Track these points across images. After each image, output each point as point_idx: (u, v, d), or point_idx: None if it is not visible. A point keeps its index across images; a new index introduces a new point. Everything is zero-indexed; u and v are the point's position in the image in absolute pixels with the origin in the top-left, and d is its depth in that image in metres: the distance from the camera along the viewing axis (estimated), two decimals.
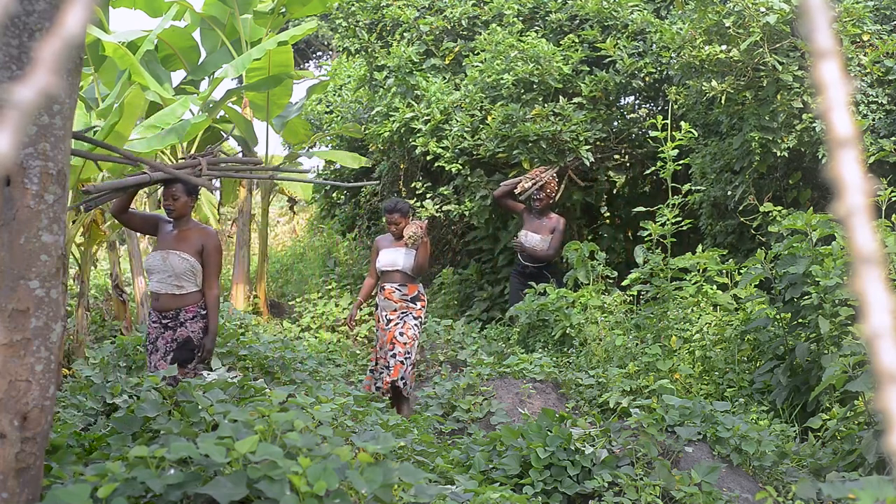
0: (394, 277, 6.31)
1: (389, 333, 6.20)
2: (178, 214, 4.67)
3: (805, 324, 5.62)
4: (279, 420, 2.56)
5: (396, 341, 6.17)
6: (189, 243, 4.65)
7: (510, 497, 3.24)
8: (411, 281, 6.32)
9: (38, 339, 2.22)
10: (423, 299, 6.39)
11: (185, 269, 4.60)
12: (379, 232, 12.19)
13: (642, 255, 7.89)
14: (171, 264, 4.58)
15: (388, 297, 6.28)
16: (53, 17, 2.23)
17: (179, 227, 4.70)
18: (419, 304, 6.35)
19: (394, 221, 6.34)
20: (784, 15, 7.30)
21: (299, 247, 16.10)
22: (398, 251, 6.32)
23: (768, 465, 4.45)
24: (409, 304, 6.27)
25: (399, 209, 6.38)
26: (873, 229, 0.64)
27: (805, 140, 7.54)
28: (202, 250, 4.68)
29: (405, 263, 6.28)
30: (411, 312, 6.27)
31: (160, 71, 10.75)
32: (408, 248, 6.27)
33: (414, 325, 6.24)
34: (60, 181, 2.28)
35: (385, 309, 6.30)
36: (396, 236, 6.39)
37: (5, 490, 2.13)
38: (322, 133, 12.66)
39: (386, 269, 6.31)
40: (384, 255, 6.37)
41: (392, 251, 6.35)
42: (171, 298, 4.62)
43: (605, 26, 9.62)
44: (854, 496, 2.02)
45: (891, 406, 0.62)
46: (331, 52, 22.52)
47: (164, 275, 4.61)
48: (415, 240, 6.18)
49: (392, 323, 6.23)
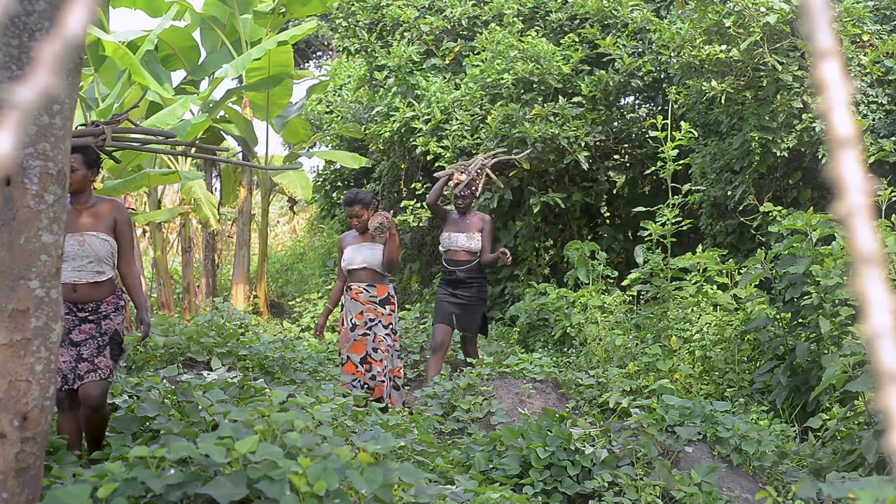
0: (361, 276, 5.69)
1: (358, 343, 5.59)
2: (76, 189, 3.95)
3: (805, 324, 5.62)
4: (279, 420, 2.56)
5: (372, 360, 5.56)
6: (102, 221, 4.02)
7: (510, 497, 3.24)
8: (380, 280, 5.71)
9: (38, 339, 2.22)
10: (392, 301, 5.75)
11: (107, 252, 4.00)
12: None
13: (642, 255, 7.89)
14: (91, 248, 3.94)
15: (355, 297, 5.65)
16: (53, 17, 2.23)
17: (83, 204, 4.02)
18: (388, 307, 5.68)
19: (355, 214, 5.73)
20: (784, 15, 7.30)
21: (299, 247, 16.10)
22: (363, 247, 5.71)
23: (768, 465, 4.45)
24: (378, 307, 5.63)
25: (360, 200, 5.76)
26: (873, 229, 0.64)
27: (805, 140, 7.54)
28: (115, 226, 4.07)
29: (372, 260, 5.66)
30: (380, 321, 5.61)
31: (160, 71, 10.75)
32: (375, 242, 5.69)
33: (386, 337, 5.63)
34: (60, 181, 2.28)
35: (351, 311, 5.64)
36: (361, 230, 5.81)
37: (5, 490, 2.13)
38: (322, 133, 12.66)
39: (352, 268, 5.70)
40: (349, 252, 5.76)
41: (357, 247, 5.74)
42: (90, 288, 3.96)
43: (604, 25, 9.62)
44: (854, 496, 2.02)
45: (891, 406, 0.62)
46: (331, 52, 22.52)
47: (84, 261, 3.94)
48: (381, 230, 5.57)
49: (358, 331, 5.59)
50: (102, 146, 3.68)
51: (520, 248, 10.03)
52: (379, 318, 5.60)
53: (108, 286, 4.03)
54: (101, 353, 3.91)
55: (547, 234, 10.01)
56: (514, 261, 10.18)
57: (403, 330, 8.42)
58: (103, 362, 3.88)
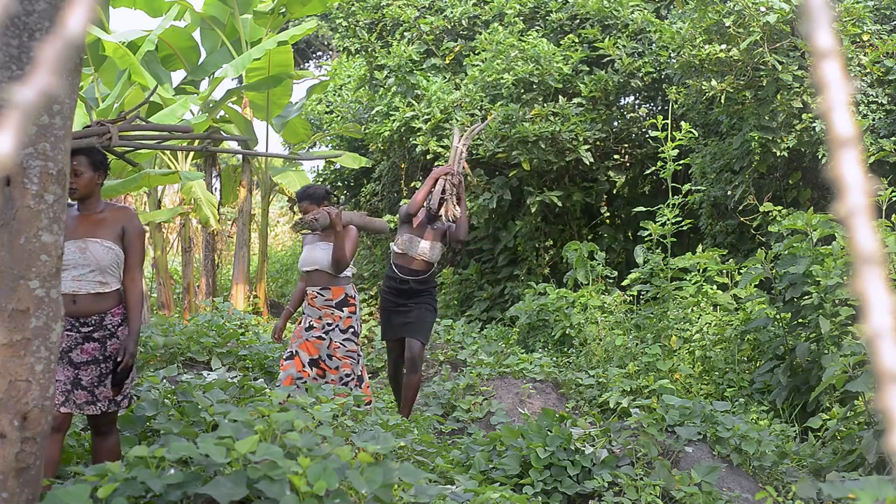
0: (315, 279, 5.14)
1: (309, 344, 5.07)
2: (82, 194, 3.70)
3: (805, 324, 5.62)
4: (279, 420, 2.56)
5: (326, 366, 5.05)
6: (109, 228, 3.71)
7: (510, 497, 3.24)
8: (335, 282, 5.10)
9: (38, 339, 2.22)
10: (352, 303, 5.13)
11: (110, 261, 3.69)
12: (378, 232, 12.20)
13: (642, 255, 7.89)
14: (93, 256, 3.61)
15: (311, 302, 5.13)
16: (53, 17, 2.23)
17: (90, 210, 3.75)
18: (346, 310, 5.10)
19: (303, 211, 5.17)
20: (784, 14, 7.30)
21: (299, 247, 16.10)
22: (317, 247, 5.17)
23: (768, 465, 4.45)
24: (335, 310, 5.07)
25: (308, 196, 5.18)
26: (873, 229, 0.64)
27: (805, 140, 7.55)
28: (123, 235, 3.75)
29: (325, 261, 5.10)
30: (337, 325, 5.06)
31: (160, 71, 10.75)
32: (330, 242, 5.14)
33: (344, 342, 5.08)
34: (60, 181, 2.28)
35: (310, 315, 5.13)
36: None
37: (5, 490, 2.13)
38: (322, 133, 12.66)
39: (306, 269, 5.19)
40: (304, 252, 5.25)
41: (311, 247, 5.20)
42: (92, 300, 3.62)
43: (605, 25, 9.63)
44: (854, 496, 2.02)
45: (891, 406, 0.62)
46: (331, 52, 22.52)
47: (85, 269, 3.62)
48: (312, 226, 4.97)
49: (313, 332, 5.07)
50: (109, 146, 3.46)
51: (520, 248, 10.04)
52: (336, 322, 5.07)
53: (113, 297, 3.70)
54: (102, 382, 3.57)
55: (547, 234, 10.01)
56: (515, 261, 10.19)
57: None
58: (103, 393, 3.55)
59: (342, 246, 4.98)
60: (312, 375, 4.97)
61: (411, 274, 5.71)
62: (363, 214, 5.42)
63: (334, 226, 4.91)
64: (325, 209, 4.97)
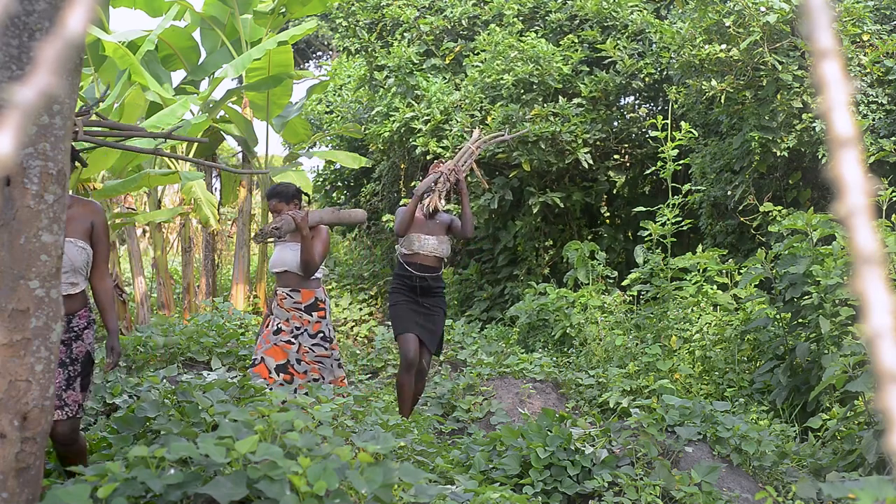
0: (285, 280, 4.96)
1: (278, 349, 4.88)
2: None
3: (805, 324, 5.62)
4: (279, 420, 2.56)
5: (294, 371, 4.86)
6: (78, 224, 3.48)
7: (510, 497, 3.24)
8: (305, 284, 4.91)
9: (38, 339, 2.22)
10: (322, 307, 4.95)
11: (83, 262, 3.50)
12: (379, 233, 12.20)
13: (642, 255, 7.90)
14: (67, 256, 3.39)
15: (280, 303, 4.95)
16: (53, 17, 2.23)
17: None
18: (315, 314, 4.91)
19: (274, 209, 4.99)
20: (784, 14, 7.31)
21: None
22: (286, 247, 4.98)
23: (768, 465, 4.45)
24: (303, 314, 4.89)
25: (278, 192, 4.99)
26: (874, 229, 0.64)
27: (805, 140, 7.55)
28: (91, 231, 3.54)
29: (293, 262, 4.92)
30: (306, 329, 4.88)
31: (160, 71, 10.75)
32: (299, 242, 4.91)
33: (313, 347, 4.88)
34: (60, 181, 2.28)
35: (279, 317, 4.96)
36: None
37: (5, 490, 2.13)
38: (322, 133, 12.67)
39: (275, 271, 5.02)
40: (275, 252, 5.08)
41: (281, 248, 5.02)
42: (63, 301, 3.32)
43: (604, 27, 9.63)
44: (854, 496, 2.02)
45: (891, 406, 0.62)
46: (331, 52, 22.52)
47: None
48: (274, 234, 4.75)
49: (282, 336, 4.89)
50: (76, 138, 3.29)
51: (520, 248, 10.03)
52: (305, 326, 4.88)
53: (80, 299, 3.53)
54: (70, 385, 3.43)
55: (547, 234, 10.01)
56: (515, 261, 10.19)
57: None
58: (72, 397, 3.42)
59: (309, 249, 4.81)
60: (279, 381, 4.77)
61: (424, 271, 5.62)
62: (336, 210, 5.21)
63: (300, 230, 4.73)
64: (288, 213, 4.79)
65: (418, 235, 5.63)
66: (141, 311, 10.28)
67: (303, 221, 4.71)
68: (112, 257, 10.59)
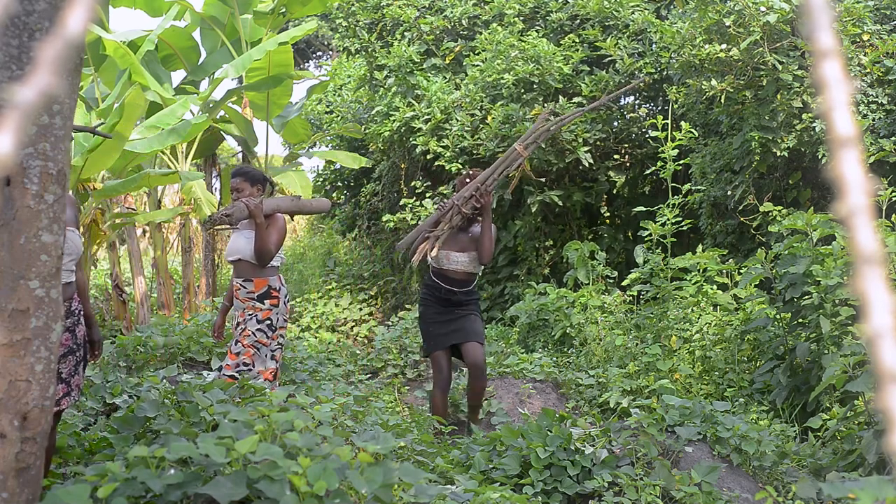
0: (239, 270, 4.81)
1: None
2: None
3: (805, 324, 5.62)
4: (279, 420, 2.56)
5: (230, 353, 4.76)
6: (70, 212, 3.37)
7: (510, 497, 3.24)
8: (259, 273, 4.77)
9: (38, 339, 2.22)
10: (274, 296, 4.79)
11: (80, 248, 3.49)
12: (378, 233, 12.20)
13: (642, 255, 7.90)
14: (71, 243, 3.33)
15: (236, 295, 4.83)
16: (53, 17, 2.23)
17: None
18: (267, 302, 4.78)
19: (236, 188, 4.76)
20: (784, 14, 7.31)
21: (299, 247, 16.10)
22: (241, 235, 4.80)
23: (768, 465, 4.45)
24: (256, 303, 4.77)
25: (245, 172, 4.79)
26: (874, 229, 0.64)
27: (805, 140, 7.55)
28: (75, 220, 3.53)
29: (247, 251, 4.75)
30: (256, 315, 4.76)
31: (160, 71, 10.76)
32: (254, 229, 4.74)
33: (255, 332, 4.74)
34: (60, 181, 2.28)
35: (237, 308, 4.85)
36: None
37: (5, 490, 2.13)
38: (322, 133, 12.66)
39: (230, 259, 4.85)
40: (230, 241, 4.90)
41: (236, 236, 4.84)
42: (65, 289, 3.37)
43: (605, 26, 9.63)
44: (854, 496, 2.02)
45: (891, 406, 0.62)
46: (331, 52, 22.52)
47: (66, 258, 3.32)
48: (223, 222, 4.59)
49: (239, 328, 4.80)
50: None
51: (520, 248, 10.03)
52: (256, 312, 4.76)
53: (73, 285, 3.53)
54: (77, 370, 3.45)
55: (547, 234, 10.01)
56: (515, 261, 10.18)
57: (403, 330, 8.41)
58: (76, 382, 3.45)
59: (263, 237, 4.65)
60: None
61: (455, 285, 5.37)
62: (295, 198, 5.01)
63: (254, 217, 4.56)
64: (242, 200, 4.60)
65: (447, 253, 5.36)
66: (141, 311, 10.28)
67: (256, 209, 4.55)
68: (112, 257, 10.60)
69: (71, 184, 7.67)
